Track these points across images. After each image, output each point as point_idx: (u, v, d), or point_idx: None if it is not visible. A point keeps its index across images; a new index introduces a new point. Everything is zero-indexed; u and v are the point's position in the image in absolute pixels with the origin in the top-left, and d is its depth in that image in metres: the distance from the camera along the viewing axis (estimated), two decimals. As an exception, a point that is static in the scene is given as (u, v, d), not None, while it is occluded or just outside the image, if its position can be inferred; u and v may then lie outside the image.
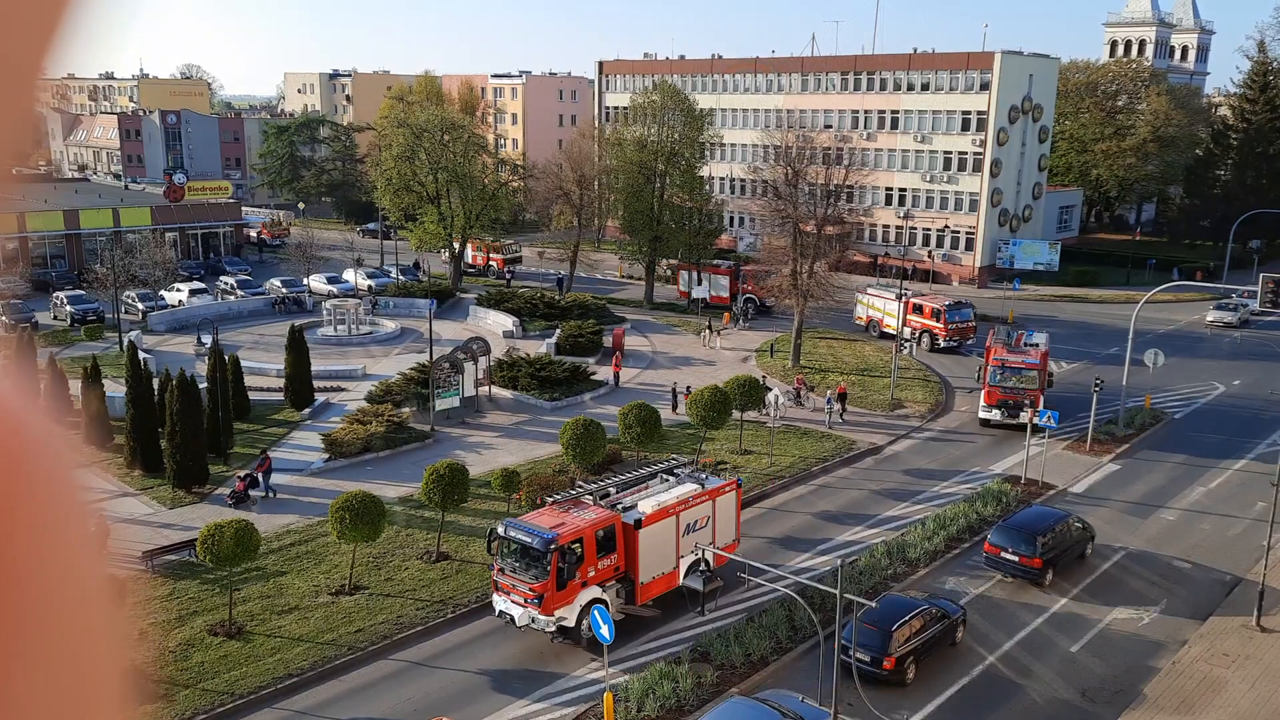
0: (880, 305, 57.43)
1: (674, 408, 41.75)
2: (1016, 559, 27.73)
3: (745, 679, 23.10)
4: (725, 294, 63.09)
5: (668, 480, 28.25)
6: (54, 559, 0.82)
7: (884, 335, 55.96)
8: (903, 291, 53.27)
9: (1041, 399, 39.84)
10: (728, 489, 28.27)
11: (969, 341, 54.21)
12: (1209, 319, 61.87)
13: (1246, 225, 74.88)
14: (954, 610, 25.10)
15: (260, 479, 33.11)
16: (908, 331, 53.05)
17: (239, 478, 32.98)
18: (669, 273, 68.86)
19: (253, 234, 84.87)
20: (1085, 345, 55.68)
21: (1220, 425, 42.58)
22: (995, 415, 41.04)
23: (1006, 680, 23.65)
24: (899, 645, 22.84)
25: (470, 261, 74.00)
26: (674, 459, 30.70)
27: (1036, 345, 42.87)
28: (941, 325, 54.18)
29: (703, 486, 27.77)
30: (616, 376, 46.65)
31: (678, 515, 26.59)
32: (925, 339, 54.60)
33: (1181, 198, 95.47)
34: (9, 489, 0.80)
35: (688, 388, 43.05)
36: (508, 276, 72.35)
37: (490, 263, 74.74)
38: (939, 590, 27.39)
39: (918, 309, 54.94)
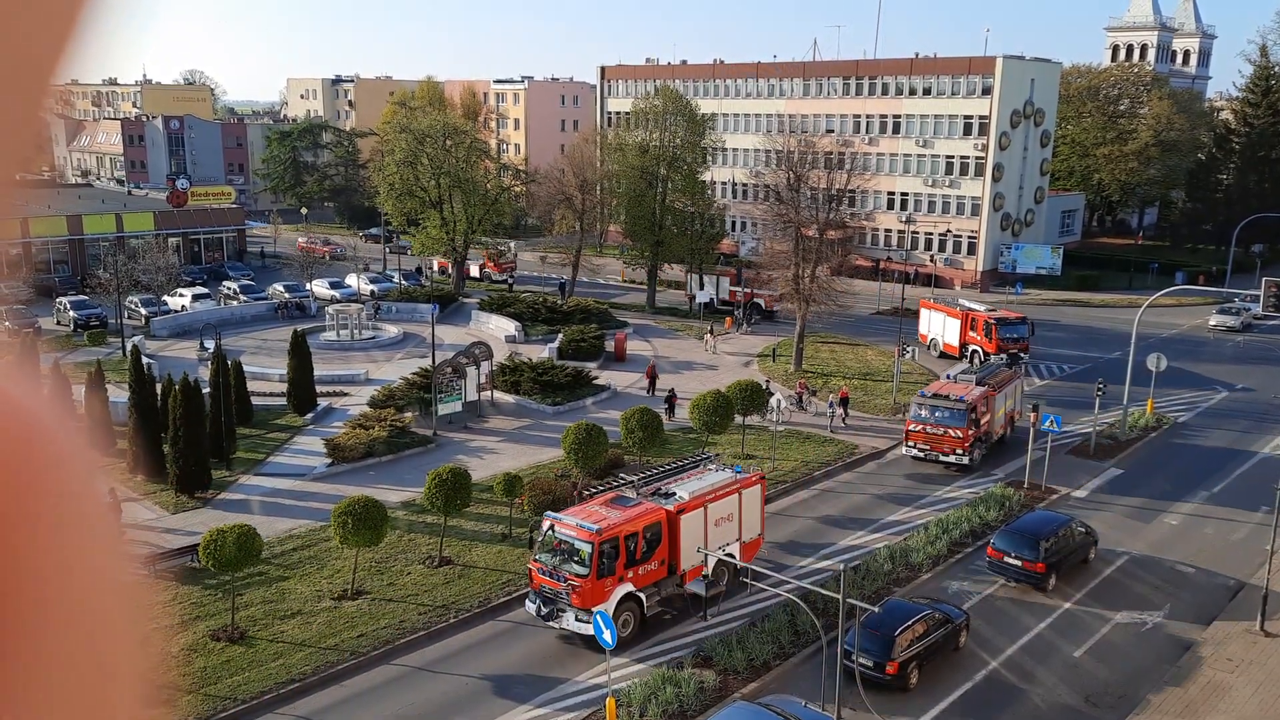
0: (940, 321, 53.21)
1: (669, 412, 41.37)
2: (1019, 563, 27.68)
3: (748, 684, 23.06)
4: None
5: (706, 469, 28.26)
6: (79, 555, 0.83)
7: (945, 357, 51.44)
8: (958, 302, 49.86)
9: (970, 451, 36.21)
10: (754, 481, 28.20)
11: (1024, 359, 48.74)
12: (1212, 323, 61.82)
13: (1249, 229, 74.82)
14: (957, 615, 25.05)
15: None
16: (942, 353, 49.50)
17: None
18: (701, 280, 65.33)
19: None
20: (1088, 349, 55.62)
21: (1223, 429, 42.51)
22: (914, 452, 37.28)
23: (1010, 685, 23.59)
24: (902, 650, 22.79)
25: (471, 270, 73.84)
26: (701, 454, 30.47)
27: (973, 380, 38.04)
28: (992, 341, 49.38)
29: (735, 476, 27.74)
30: (651, 385, 45.78)
31: (706, 506, 26.48)
32: (975, 357, 49.48)
33: (1184, 202, 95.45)
34: (32, 483, 0.80)
35: (671, 390, 43.06)
36: (509, 281, 72.32)
37: (487, 270, 74.08)
38: (942, 595, 27.33)
39: (971, 324, 50.80)
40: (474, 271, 73.02)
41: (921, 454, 36.79)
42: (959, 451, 35.89)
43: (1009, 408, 39.67)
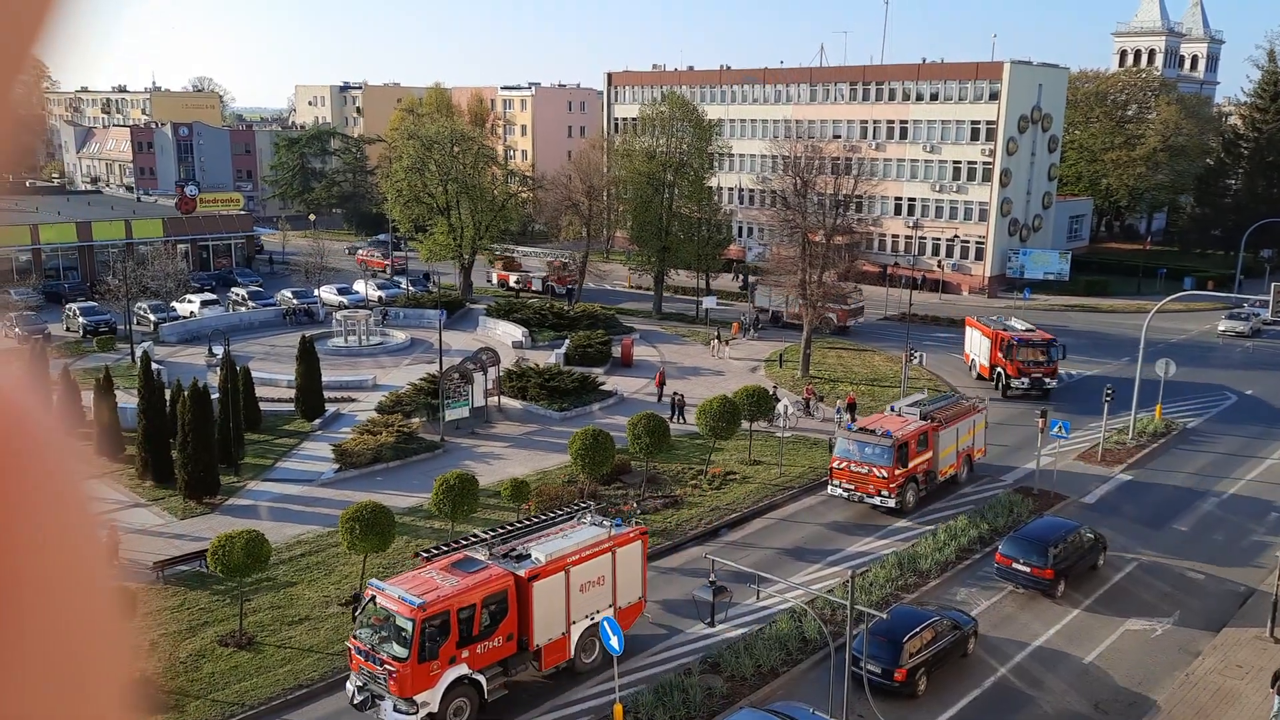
0: (977, 340, 49.72)
1: (673, 416, 41.29)
2: (1028, 570, 27.59)
3: (755, 690, 23.02)
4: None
5: (580, 523, 25.04)
6: (58, 563, 0.81)
7: (981, 380, 48.61)
8: (993, 319, 46.93)
9: (899, 494, 32.76)
10: (633, 538, 24.77)
11: (1049, 384, 46.10)
12: (1221, 328, 61.61)
13: (1258, 234, 74.64)
14: (965, 621, 24.99)
15: None
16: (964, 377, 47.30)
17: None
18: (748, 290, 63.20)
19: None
20: (1096, 355, 55.47)
21: (1232, 435, 42.33)
22: (839, 492, 33.72)
23: (1018, 692, 23.51)
24: (910, 657, 22.73)
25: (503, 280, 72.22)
26: (580, 504, 27.53)
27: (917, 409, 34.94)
28: (1012, 363, 46.20)
29: (609, 533, 24.32)
30: (660, 391, 45.70)
31: (568, 570, 23.14)
32: (1000, 381, 46.85)
33: (1192, 207, 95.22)
34: (12, 491, 0.79)
35: (676, 393, 43.11)
36: (573, 295, 68.84)
37: (550, 283, 71.53)
38: (950, 601, 27.27)
39: (998, 344, 47.31)
40: (535, 285, 71.65)
41: (846, 494, 33.42)
42: (884, 493, 32.54)
43: (966, 444, 36.06)
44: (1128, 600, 27.95)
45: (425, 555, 23.42)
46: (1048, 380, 45.83)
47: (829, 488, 34.09)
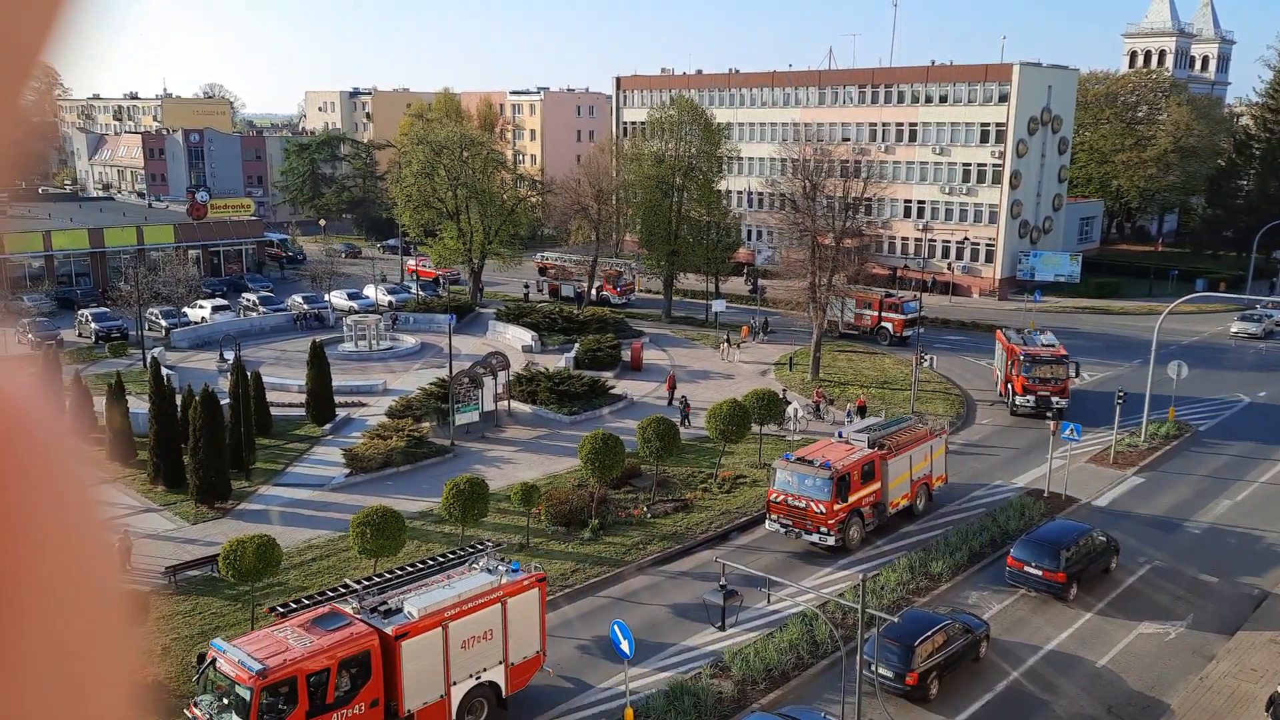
0: (1000, 355, 47.31)
1: (682, 420, 41.16)
2: (1040, 573, 27.47)
3: (766, 694, 22.97)
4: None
5: (470, 569, 22.70)
6: (61, 565, 0.81)
7: (1000, 400, 45.87)
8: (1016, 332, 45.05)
9: (840, 530, 29.94)
10: (527, 586, 22.36)
11: (1058, 404, 42.98)
12: (1233, 330, 61.30)
13: (1270, 235, 74.27)
14: (977, 625, 24.89)
15: None
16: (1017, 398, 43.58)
17: None
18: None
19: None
20: (1108, 357, 55.25)
21: (1246, 438, 42.09)
22: (776, 527, 30.93)
23: (1031, 696, 23.40)
24: (922, 661, 22.64)
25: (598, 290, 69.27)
26: (482, 544, 24.52)
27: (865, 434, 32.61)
28: (1019, 379, 43.81)
29: (499, 581, 21.97)
30: (671, 395, 45.51)
31: (447, 625, 20.63)
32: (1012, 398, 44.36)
33: (1204, 208, 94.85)
34: (14, 492, 0.79)
35: (681, 398, 43.09)
36: (626, 303, 68.81)
37: (605, 293, 68.91)
38: (962, 605, 27.17)
39: (1011, 359, 45.02)
40: (591, 295, 68.95)
41: (784, 530, 30.67)
42: (823, 530, 29.74)
43: (922, 472, 33.40)
44: (1141, 603, 27.81)
45: (280, 611, 20.90)
46: (1056, 400, 43.10)
47: (766, 522, 31.26)
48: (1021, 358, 43.93)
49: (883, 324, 57.89)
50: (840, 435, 33.66)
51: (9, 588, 0.78)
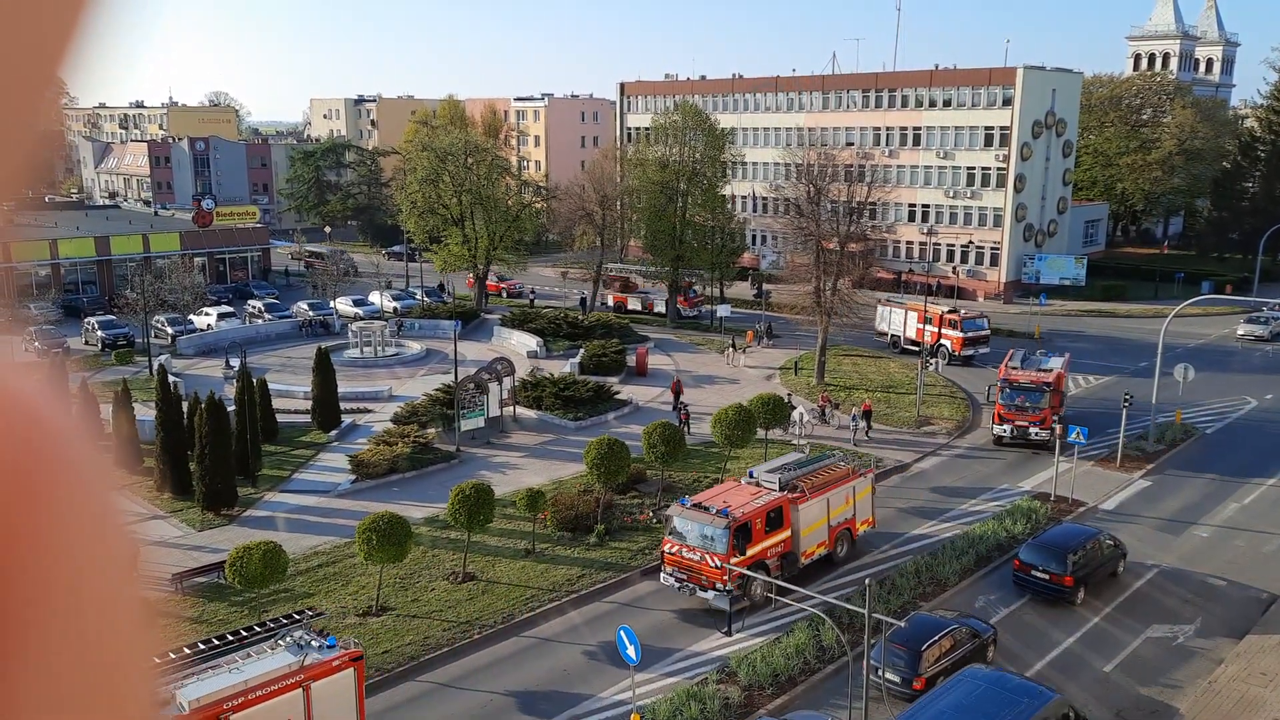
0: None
1: (681, 424, 40.88)
2: (1047, 577, 27.41)
3: (773, 700, 22.93)
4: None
5: (275, 647, 19.57)
6: (86, 565, 0.82)
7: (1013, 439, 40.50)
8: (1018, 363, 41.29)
9: (739, 585, 26.30)
10: (337, 667, 19.33)
11: (1037, 435, 39.49)
12: (1239, 333, 61.13)
13: (1276, 237, 74.09)
14: (984, 629, 24.83)
15: None
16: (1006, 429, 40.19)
17: None
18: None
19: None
20: (1114, 360, 55.13)
21: (1253, 440, 41.96)
22: (671, 581, 27.46)
23: (1039, 700, 23.29)
24: (929, 665, 22.59)
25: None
26: (305, 612, 21.79)
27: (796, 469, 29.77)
28: (996, 403, 41.30)
29: (301, 662, 18.97)
30: (676, 400, 44.93)
31: (227, 718, 17.74)
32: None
33: (1209, 211, 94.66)
34: (40, 491, 0.80)
35: (682, 404, 43.08)
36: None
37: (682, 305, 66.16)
38: (969, 609, 27.10)
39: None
40: (657, 307, 67.69)
41: (677, 585, 27.19)
42: (719, 585, 26.17)
43: (842, 516, 29.88)
44: (1148, 607, 27.72)
45: None
46: (1035, 430, 39.37)
47: (661, 576, 27.63)
48: (999, 383, 40.91)
49: (941, 341, 54.06)
50: (751, 474, 29.86)
51: (38, 585, 0.78)
